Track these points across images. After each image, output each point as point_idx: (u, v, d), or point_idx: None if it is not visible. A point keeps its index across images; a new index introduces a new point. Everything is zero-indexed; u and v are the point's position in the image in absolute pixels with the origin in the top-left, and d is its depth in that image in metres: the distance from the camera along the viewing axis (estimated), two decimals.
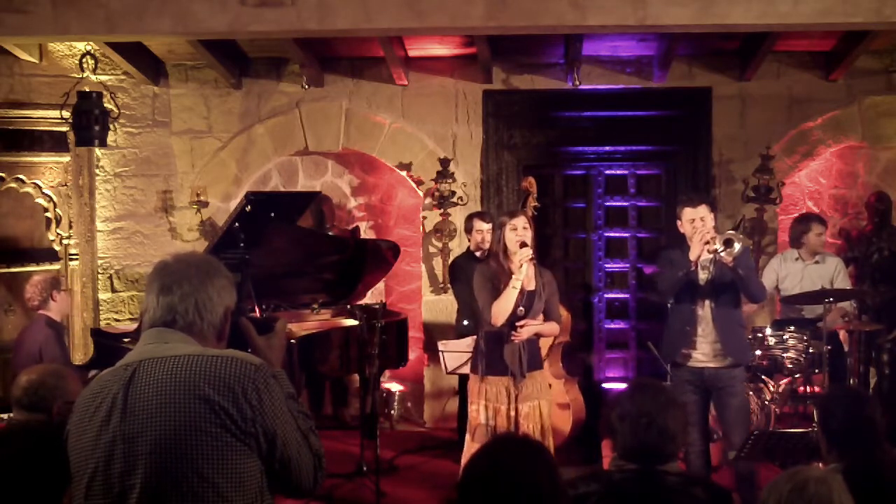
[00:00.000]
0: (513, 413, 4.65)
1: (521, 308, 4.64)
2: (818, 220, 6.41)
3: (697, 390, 4.78)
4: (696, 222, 4.71)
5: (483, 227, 6.33)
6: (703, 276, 4.76)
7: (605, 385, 7.29)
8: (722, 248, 4.58)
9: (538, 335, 4.79)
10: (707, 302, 4.75)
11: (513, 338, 4.62)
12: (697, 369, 4.77)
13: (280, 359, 2.35)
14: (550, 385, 5.13)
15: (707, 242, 4.60)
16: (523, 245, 4.60)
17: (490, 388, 4.69)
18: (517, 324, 4.62)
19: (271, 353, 2.31)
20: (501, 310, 4.59)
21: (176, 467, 2.03)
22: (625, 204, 7.64)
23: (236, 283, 2.32)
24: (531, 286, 4.69)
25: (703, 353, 4.76)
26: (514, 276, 4.59)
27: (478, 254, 6.38)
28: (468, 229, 6.46)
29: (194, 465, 2.03)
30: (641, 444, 2.63)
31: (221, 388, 2.05)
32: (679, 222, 4.84)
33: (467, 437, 4.81)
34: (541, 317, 4.75)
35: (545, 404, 4.73)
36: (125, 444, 2.06)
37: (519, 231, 4.64)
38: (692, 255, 4.66)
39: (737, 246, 4.58)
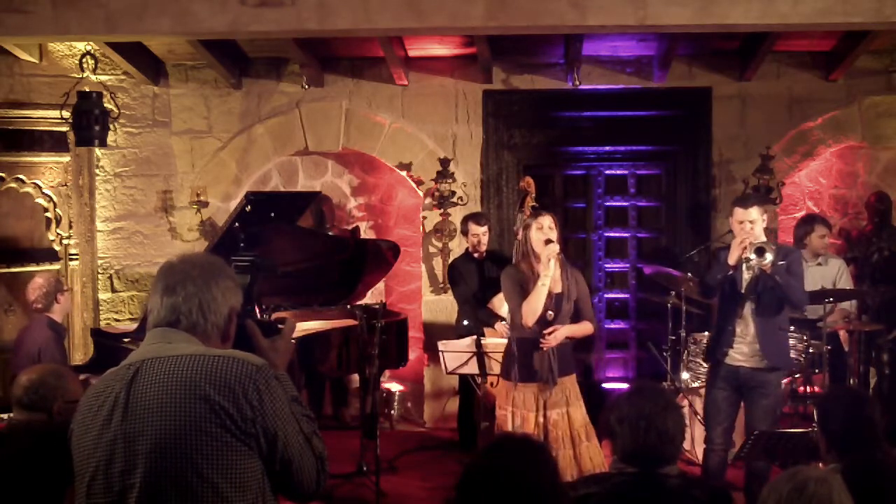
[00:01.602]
0: (541, 420, 4.59)
1: (549, 312, 4.58)
2: (822, 222, 6.40)
3: (729, 387, 4.76)
4: (745, 224, 4.65)
5: (478, 231, 6.33)
6: (747, 276, 4.71)
7: (606, 385, 7.29)
8: (754, 258, 4.54)
9: (569, 338, 4.69)
10: (748, 303, 4.71)
11: (541, 345, 4.56)
12: (734, 367, 4.75)
13: (286, 361, 2.34)
14: None
15: (745, 248, 4.55)
16: (548, 242, 4.55)
17: (518, 395, 4.63)
18: (545, 332, 4.56)
19: (276, 356, 2.30)
20: (531, 309, 4.53)
21: (175, 467, 2.04)
22: (625, 204, 7.64)
23: (246, 286, 2.32)
24: (558, 289, 4.63)
25: (741, 353, 4.74)
26: (542, 274, 4.53)
27: (475, 255, 6.39)
28: (464, 232, 6.46)
29: (193, 464, 2.03)
30: (641, 447, 2.63)
31: (222, 388, 2.05)
32: (731, 219, 4.81)
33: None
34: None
35: (575, 410, 4.64)
36: (126, 443, 2.07)
37: (545, 230, 4.60)
38: (730, 259, 4.62)
39: (768, 256, 4.51)
